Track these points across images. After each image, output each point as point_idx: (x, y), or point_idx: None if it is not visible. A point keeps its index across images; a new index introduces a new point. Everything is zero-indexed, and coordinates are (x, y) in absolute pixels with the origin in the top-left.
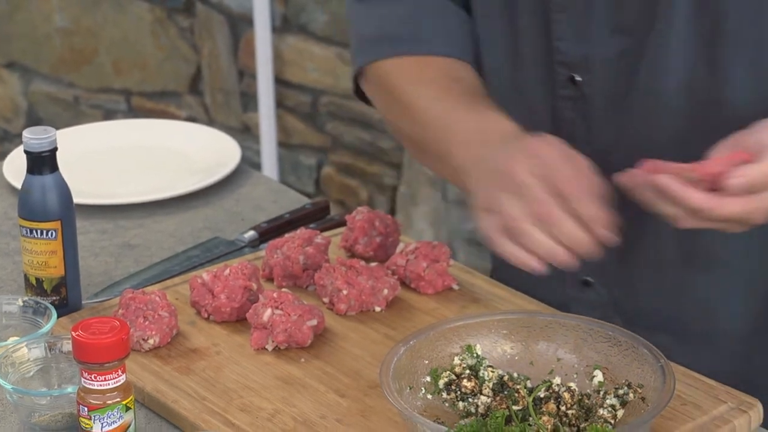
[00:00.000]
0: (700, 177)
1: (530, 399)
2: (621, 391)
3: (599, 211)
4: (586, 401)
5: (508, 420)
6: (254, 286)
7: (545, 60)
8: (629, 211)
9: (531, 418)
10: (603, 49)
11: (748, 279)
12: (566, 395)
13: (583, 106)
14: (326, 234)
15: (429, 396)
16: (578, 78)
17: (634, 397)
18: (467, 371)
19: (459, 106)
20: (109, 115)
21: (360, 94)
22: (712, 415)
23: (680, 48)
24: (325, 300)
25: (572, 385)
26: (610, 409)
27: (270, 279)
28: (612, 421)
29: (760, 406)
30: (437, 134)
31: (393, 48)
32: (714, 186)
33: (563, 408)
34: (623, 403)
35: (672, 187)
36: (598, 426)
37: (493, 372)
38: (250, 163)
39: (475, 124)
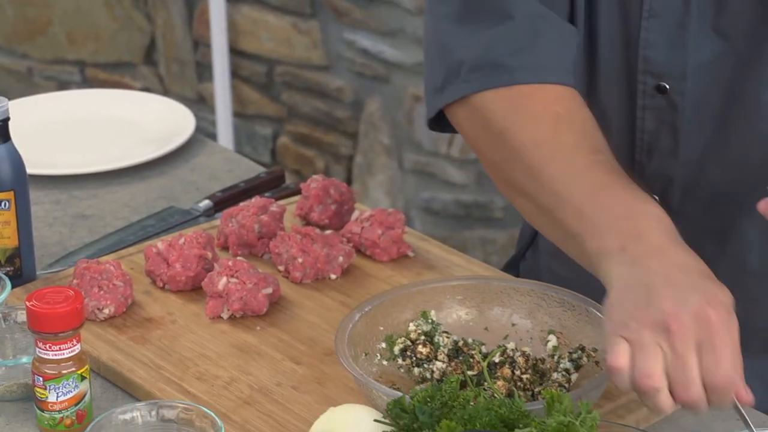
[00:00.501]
0: None
1: (485, 364)
2: (575, 355)
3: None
4: (541, 366)
5: (463, 385)
6: (209, 254)
7: (626, 68)
8: (714, 218)
9: (486, 383)
10: (698, 55)
11: None
12: (520, 360)
13: (672, 116)
14: (281, 202)
15: (384, 362)
16: (667, 87)
17: (588, 360)
18: (422, 337)
19: (594, 177)
20: (63, 86)
21: (434, 122)
22: None
23: None
24: (281, 268)
25: (527, 349)
26: (564, 373)
27: (225, 248)
28: (566, 385)
29: None
30: (566, 208)
31: (504, 77)
32: None
33: (518, 372)
34: (577, 367)
35: None
36: (552, 390)
37: (448, 338)
38: (205, 133)
39: (623, 211)
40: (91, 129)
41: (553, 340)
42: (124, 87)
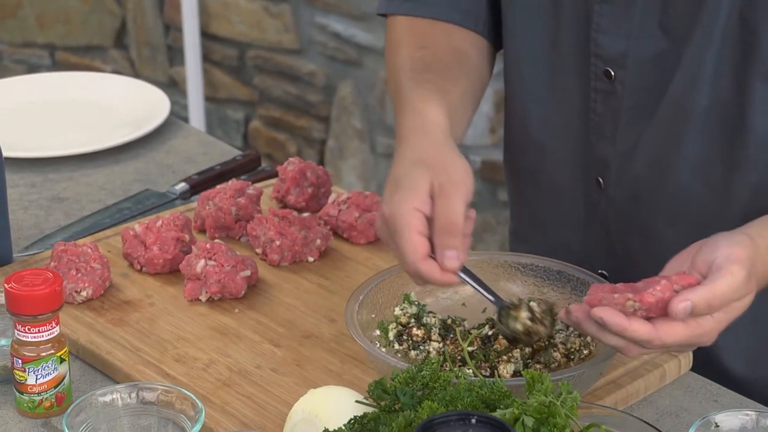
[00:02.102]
0: (642, 306)
1: (465, 345)
2: None
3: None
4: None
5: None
6: (187, 237)
7: (584, 49)
8: (638, 214)
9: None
10: (640, 47)
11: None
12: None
13: (614, 103)
14: (258, 185)
15: (383, 349)
16: (612, 73)
17: None
18: (412, 320)
19: (418, 93)
20: (33, 69)
21: None
22: (642, 360)
23: (714, 63)
24: (258, 251)
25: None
26: (560, 334)
27: (202, 230)
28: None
29: (689, 351)
30: (395, 112)
31: (398, 6)
32: (659, 312)
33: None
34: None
35: (613, 321)
36: (534, 372)
37: (434, 317)
38: (177, 117)
39: (415, 124)
40: (66, 112)
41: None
42: (94, 71)
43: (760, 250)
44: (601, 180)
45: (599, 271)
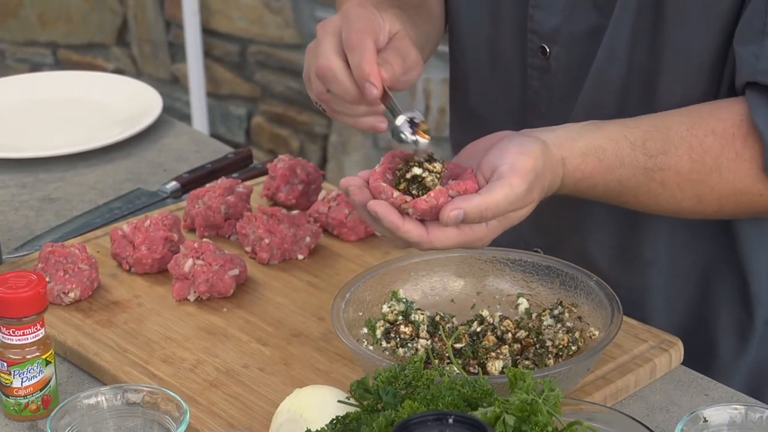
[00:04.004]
0: (416, 212)
1: (450, 342)
2: (556, 311)
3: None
4: (528, 323)
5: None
6: (175, 236)
7: (522, 25)
8: (561, 207)
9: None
10: (574, 23)
11: (672, 277)
12: (508, 323)
13: (549, 80)
14: (248, 183)
15: (371, 348)
16: (548, 49)
17: (570, 315)
18: (400, 317)
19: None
20: (35, 68)
21: None
22: (633, 354)
23: (631, 31)
24: (248, 249)
25: (499, 315)
26: (549, 329)
27: (192, 229)
28: (558, 343)
29: (680, 345)
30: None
31: None
32: (433, 216)
33: (509, 336)
34: (558, 321)
35: (387, 219)
36: (516, 369)
37: (422, 314)
38: (180, 114)
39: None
40: (57, 111)
41: (524, 303)
42: (97, 68)
43: (552, 160)
44: None
45: (534, 249)
